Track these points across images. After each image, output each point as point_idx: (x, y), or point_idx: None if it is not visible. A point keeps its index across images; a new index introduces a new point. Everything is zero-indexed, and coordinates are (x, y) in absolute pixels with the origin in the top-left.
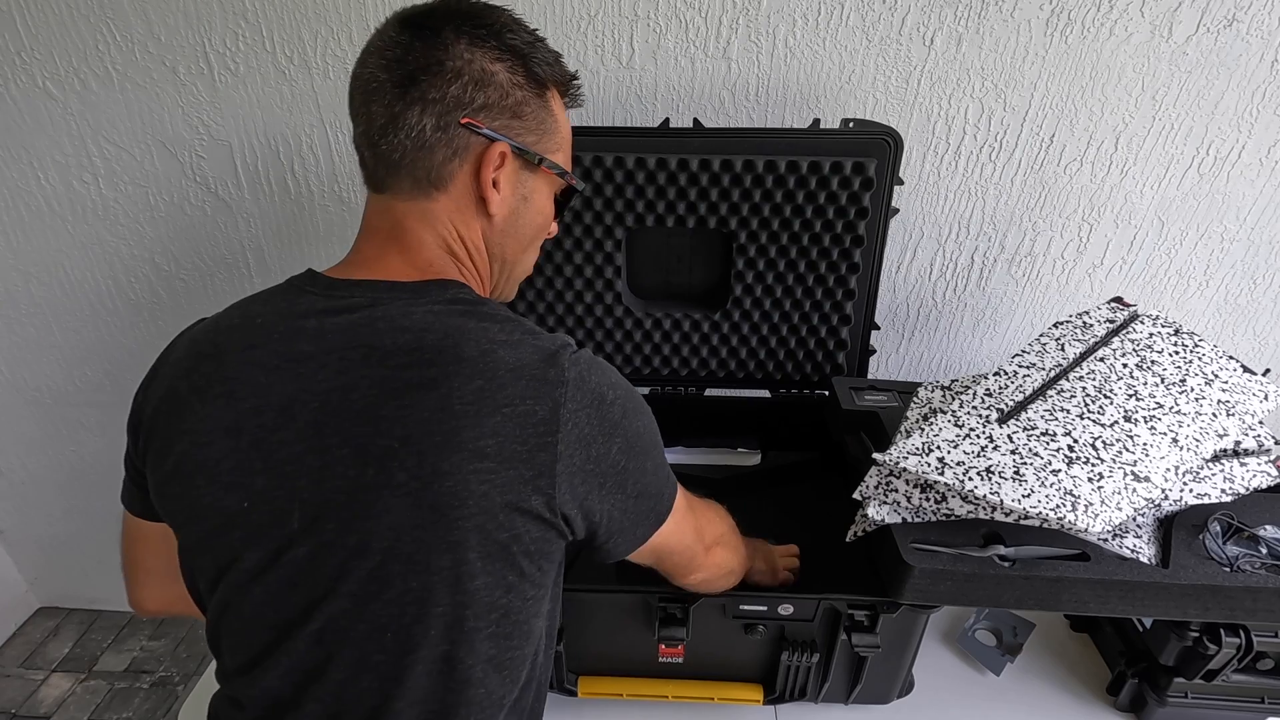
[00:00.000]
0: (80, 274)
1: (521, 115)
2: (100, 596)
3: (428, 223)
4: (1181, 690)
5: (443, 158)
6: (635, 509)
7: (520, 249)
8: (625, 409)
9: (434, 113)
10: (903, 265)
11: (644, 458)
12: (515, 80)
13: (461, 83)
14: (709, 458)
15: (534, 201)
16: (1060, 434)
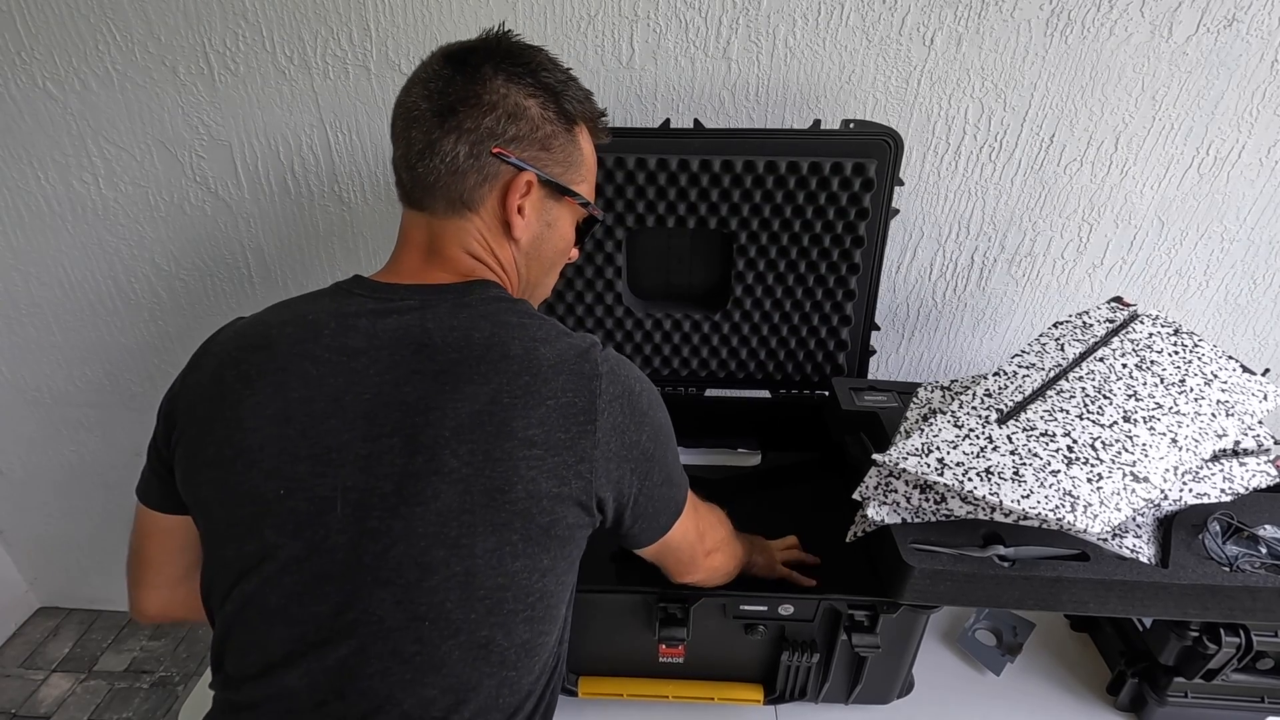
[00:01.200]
0: (80, 274)
1: (550, 148)
2: (100, 596)
3: (463, 238)
4: (1181, 690)
5: (473, 183)
6: (660, 496)
7: (542, 272)
8: (651, 401)
9: (468, 141)
10: (903, 265)
11: (667, 448)
12: (546, 115)
13: (495, 115)
14: (709, 458)
15: (557, 228)
16: (1059, 434)
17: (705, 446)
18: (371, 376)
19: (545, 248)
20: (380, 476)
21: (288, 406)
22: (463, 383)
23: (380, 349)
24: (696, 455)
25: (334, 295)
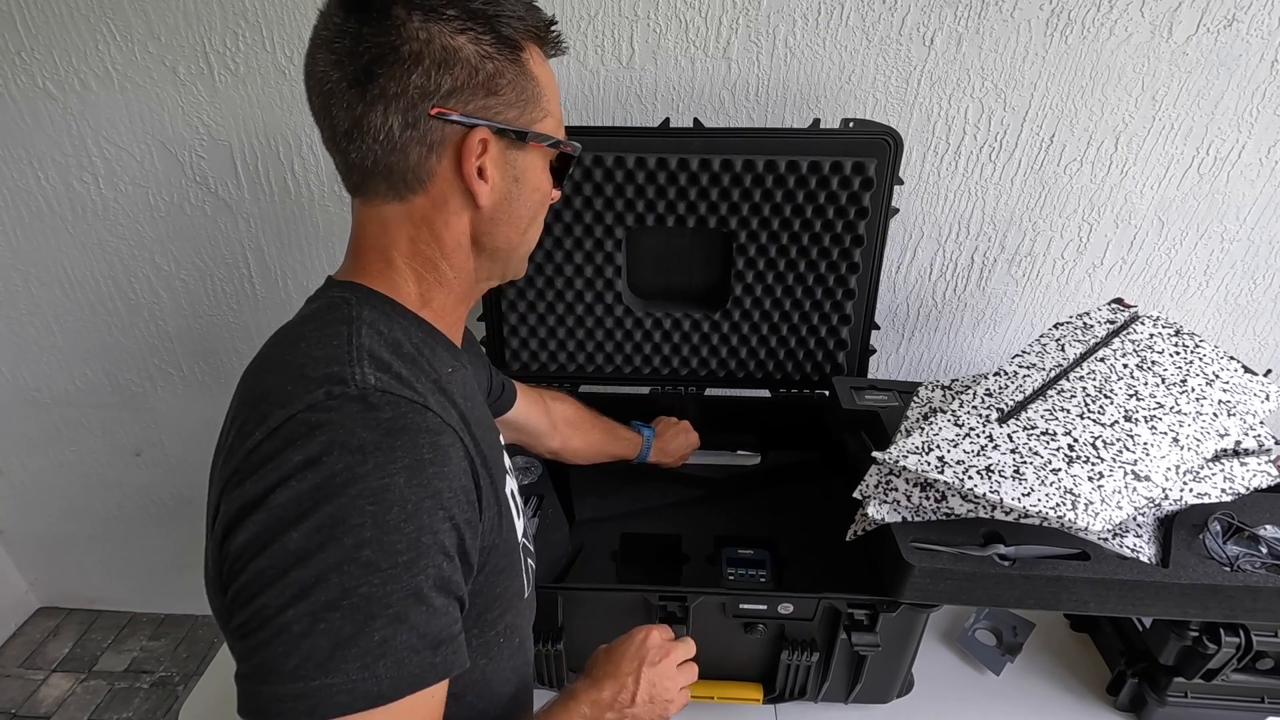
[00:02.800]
0: (80, 274)
1: (498, 90)
2: (100, 596)
3: (390, 228)
4: (1181, 690)
5: (418, 157)
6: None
7: (519, 232)
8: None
9: (399, 109)
10: (903, 265)
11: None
12: (483, 50)
13: (423, 69)
14: (708, 458)
15: (528, 180)
16: (1060, 433)
17: (705, 449)
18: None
19: (517, 205)
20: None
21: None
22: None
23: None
24: (696, 456)
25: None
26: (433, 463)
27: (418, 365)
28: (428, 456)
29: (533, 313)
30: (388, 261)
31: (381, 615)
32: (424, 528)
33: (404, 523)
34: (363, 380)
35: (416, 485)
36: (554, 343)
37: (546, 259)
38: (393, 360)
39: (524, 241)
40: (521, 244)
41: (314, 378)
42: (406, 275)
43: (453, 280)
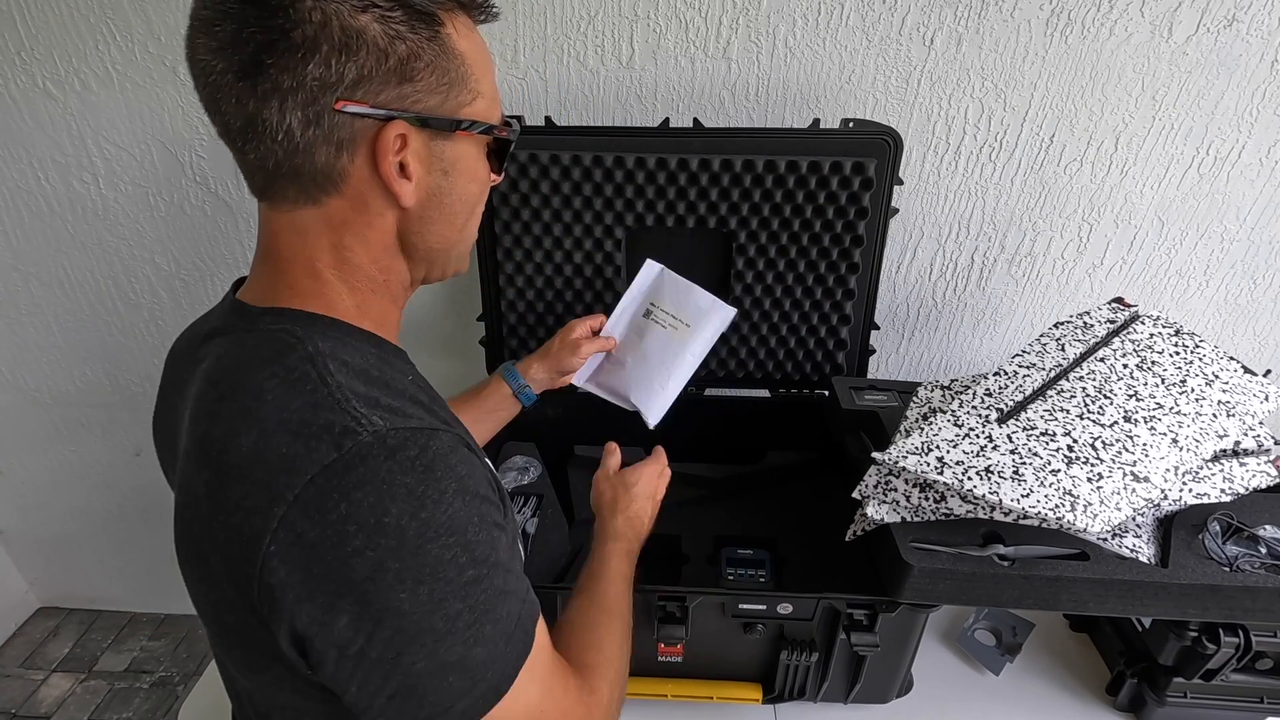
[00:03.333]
0: (80, 274)
1: (414, 75)
2: (100, 596)
3: (309, 236)
4: (1181, 690)
5: (326, 157)
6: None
7: (456, 228)
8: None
9: (296, 104)
10: (903, 265)
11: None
12: (392, 30)
13: (320, 56)
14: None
15: (460, 172)
16: (1060, 434)
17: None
18: (186, 412)
19: (450, 200)
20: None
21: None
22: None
23: (194, 379)
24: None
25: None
26: (470, 475)
27: (391, 387)
28: (463, 472)
29: (532, 313)
30: (314, 276)
31: (500, 601)
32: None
33: (480, 532)
34: (369, 423)
35: (471, 498)
36: None
37: (546, 259)
38: (370, 390)
39: (462, 238)
40: (460, 240)
41: (309, 434)
42: (338, 289)
43: (386, 285)
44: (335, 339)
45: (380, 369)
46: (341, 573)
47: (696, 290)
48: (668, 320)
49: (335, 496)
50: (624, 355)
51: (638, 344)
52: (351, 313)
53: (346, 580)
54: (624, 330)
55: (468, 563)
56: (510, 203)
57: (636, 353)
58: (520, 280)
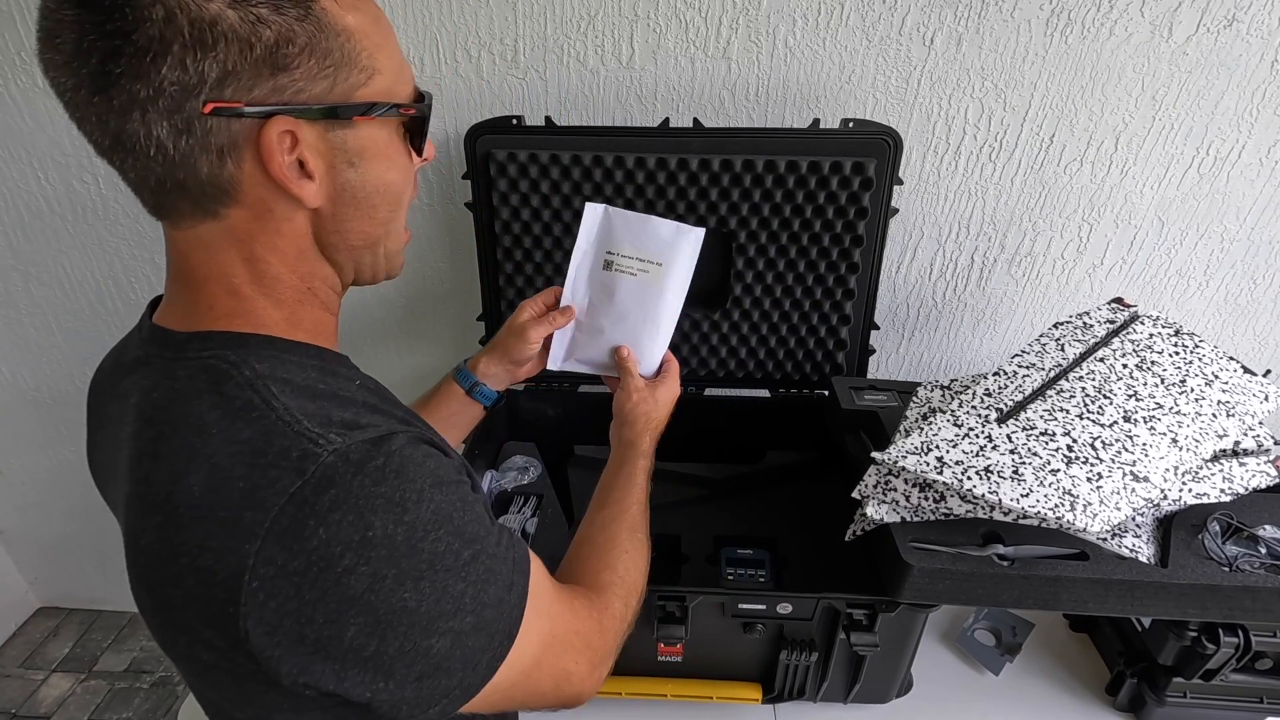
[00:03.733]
0: (80, 274)
1: (288, 63)
2: (100, 596)
3: (217, 252)
4: (1180, 690)
5: (209, 167)
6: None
7: (377, 223)
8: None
9: (160, 113)
10: (903, 265)
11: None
12: (253, 15)
13: (173, 57)
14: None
15: (369, 161)
16: (1059, 434)
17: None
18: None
19: (364, 194)
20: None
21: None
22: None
23: (125, 415)
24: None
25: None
26: (439, 465)
27: (340, 398)
28: (432, 465)
29: None
30: (233, 294)
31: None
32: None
33: (464, 513)
34: (327, 442)
35: (446, 486)
36: None
37: (546, 259)
38: (320, 406)
39: (389, 232)
40: (387, 235)
41: (266, 463)
42: (262, 304)
43: (313, 293)
44: (272, 358)
45: (326, 381)
46: (338, 592)
47: (653, 221)
48: (633, 266)
49: (311, 523)
50: (598, 319)
51: (609, 302)
52: (282, 326)
53: (345, 598)
54: (585, 292)
55: (461, 545)
56: (510, 203)
57: (611, 312)
58: (520, 280)
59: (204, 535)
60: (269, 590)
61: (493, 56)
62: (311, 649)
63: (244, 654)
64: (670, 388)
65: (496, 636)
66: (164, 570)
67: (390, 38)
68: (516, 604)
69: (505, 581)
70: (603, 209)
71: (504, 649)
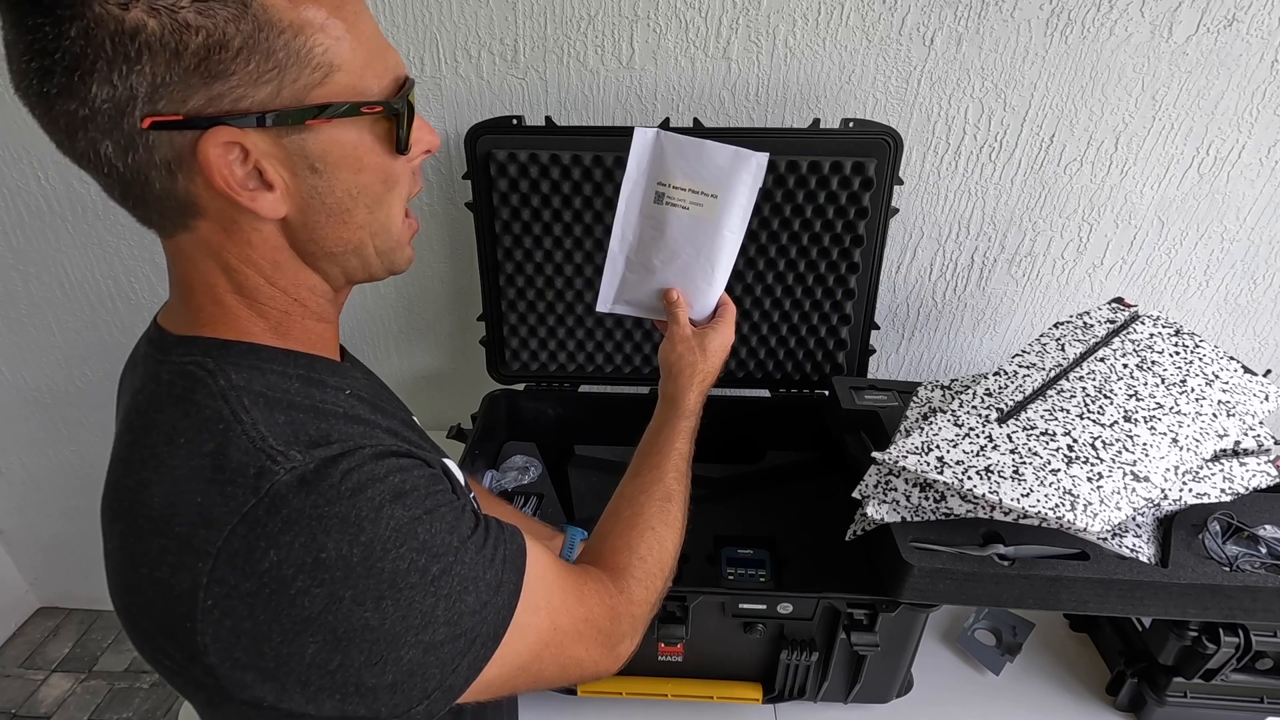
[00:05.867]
0: (80, 274)
1: (223, 70)
2: (100, 596)
3: (198, 262)
4: (1181, 690)
5: (161, 182)
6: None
7: (355, 227)
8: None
9: (100, 132)
10: (903, 265)
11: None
12: (178, 21)
13: (100, 75)
14: None
15: (333, 165)
16: (1060, 434)
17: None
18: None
19: (332, 199)
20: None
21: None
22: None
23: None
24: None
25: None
26: (405, 479)
27: (319, 410)
28: (396, 479)
29: (533, 313)
30: (218, 303)
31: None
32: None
33: (433, 525)
34: (286, 460)
35: (413, 501)
36: (554, 343)
37: (546, 259)
38: (292, 420)
39: (375, 233)
40: (373, 236)
41: (224, 479)
42: (246, 314)
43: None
44: (251, 368)
45: (308, 392)
46: (293, 613)
47: (708, 146)
48: (686, 198)
49: (263, 545)
50: (648, 257)
51: (659, 239)
52: (269, 335)
53: (301, 618)
54: (635, 228)
55: (428, 561)
56: (510, 203)
57: (661, 250)
58: (520, 280)
59: (160, 549)
60: (223, 609)
61: (493, 56)
62: (272, 667)
63: (202, 668)
64: (721, 335)
65: (478, 641)
66: (125, 578)
67: (359, 25)
68: (505, 605)
69: (489, 584)
70: (654, 133)
71: (486, 651)
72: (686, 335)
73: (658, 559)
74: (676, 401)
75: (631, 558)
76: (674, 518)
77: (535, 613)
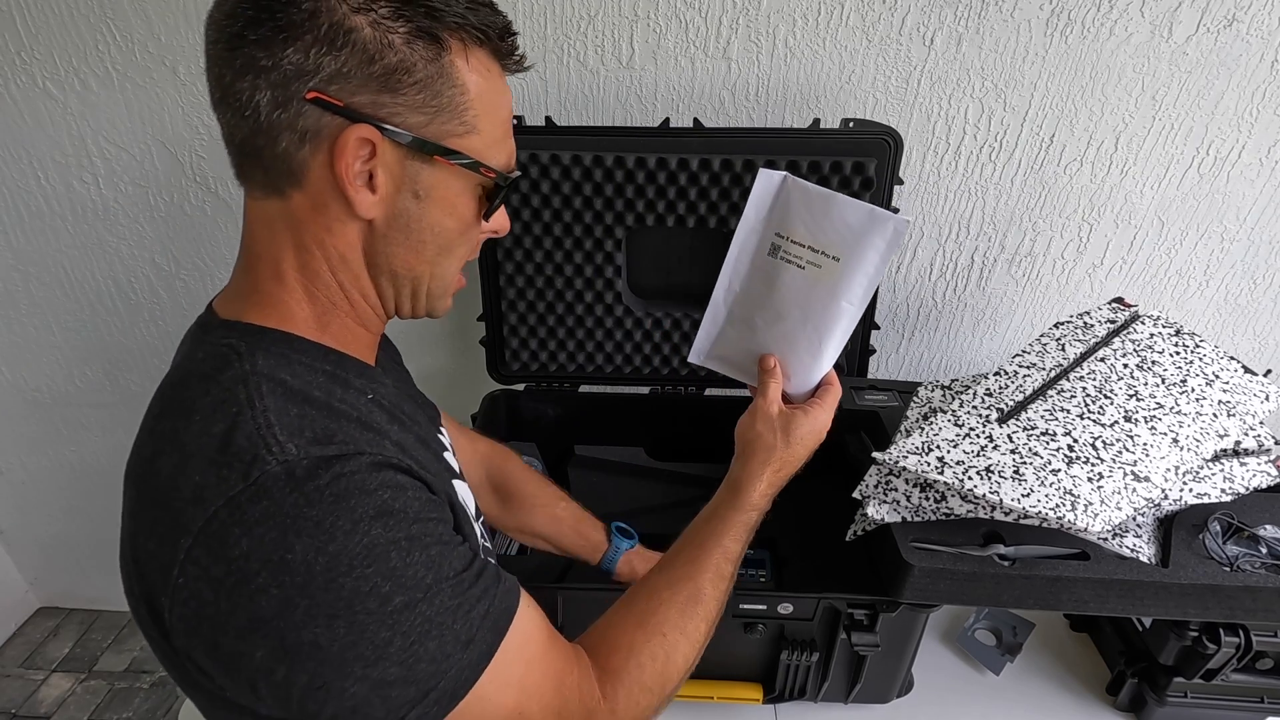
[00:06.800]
0: (80, 274)
1: (398, 88)
2: (100, 596)
3: (275, 231)
4: (1181, 690)
5: (288, 144)
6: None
7: (423, 260)
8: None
9: (268, 84)
10: (903, 265)
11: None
12: (388, 40)
13: (303, 43)
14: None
15: (434, 201)
16: (1060, 434)
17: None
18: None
19: (418, 227)
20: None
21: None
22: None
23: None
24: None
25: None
26: (395, 498)
27: (332, 410)
28: (385, 495)
29: (533, 313)
30: (278, 277)
31: (449, 617)
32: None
33: (410, 555)
34: (281, 452)
35: (395, 522)
36: (554, 343)
37: (546, 259)
38: (304, 414)
39: (434, 274)
40: (431, 276)
41: (223, 462)
42: (298, 295)
43: (349, 303)
44: (280, 356)
45: (328, 389)
46: (250, 609)
47: (840, 200)
48: (804, 255)
49: (237, 532)
50: (750, 313)
51: (767, 296)
52: (309, 326)
53: (256, 617)
54: (745, 277)
55: (393, 590)
56: (510, 203)
57: (767, 309)
58: (520, 280)
59: (154, 520)
60: (191, 590)
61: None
62: (226, 660)
63: (172, 647)
64: (814, 420)
65: (432, 695)
66: (129, 544)
67: (502, 113)
68: (471, 665)
69: (458, 636)
70: (781, 176)
71: (439, 710)
72: (771, 412)
73: (659, 671)
74: (740, 489)
75: (629, 662)
76: (694, 627)
77: (504, 688)
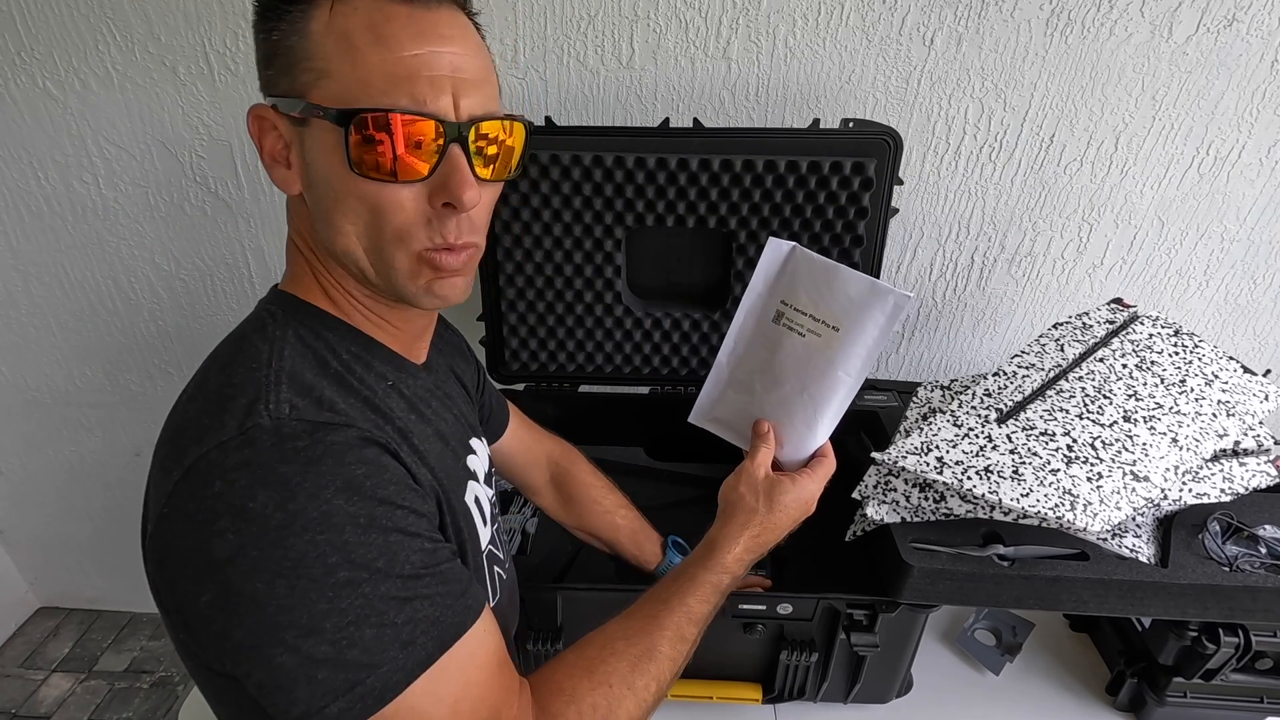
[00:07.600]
0: (80, 274)
1: (272, 57)
2: (100, 596)
3: (294, 215)
4: (1180, 690)
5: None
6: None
7: (335, 232)
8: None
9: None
10: (903, 265)
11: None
12: (270, 22)
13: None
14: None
15: (315, 164)
16: (1059, 434)
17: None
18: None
19: (324, 193)
20: None
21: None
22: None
23: None
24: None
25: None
26: (370, 475)
27: (344, 384)
28: (360, 472)
29: (532, 312)
30: (296, 258)
31: (396, 607)
32: (390, 528)
33: (365, 535)
34: (276, 410)
35: (360, 499)
36: (554, 343)
37: (546, 259)
38: (316, 381)
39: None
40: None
41: (229, 409)
42: (309, 277)
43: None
44: (312, 329)
45: (350, 365)
46: (206, 550)
47: (843, 272)
48: (805, 324)
49: (215, 474)
50: (750, 377)
51: (768, 361)
52: (330, 304)
53: (210, 559)
54: (748, 341)
55: (339, 563)
56: (510, 203)
57: (766, 374)
58: (520, 280)
59: (165, 455)
60: (169, 523)
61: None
62: (180, 601)
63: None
64: (800, 489)
65: (359, 689)
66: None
67: (382, 52)
68: (407, 668)
69: (396, 635)
70: (790, 247)
71: (364, 708)
72: (757, 476)
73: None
74: (714, 549)
75: (569, 708)
76: (643, 685)
77: (436, 703)
